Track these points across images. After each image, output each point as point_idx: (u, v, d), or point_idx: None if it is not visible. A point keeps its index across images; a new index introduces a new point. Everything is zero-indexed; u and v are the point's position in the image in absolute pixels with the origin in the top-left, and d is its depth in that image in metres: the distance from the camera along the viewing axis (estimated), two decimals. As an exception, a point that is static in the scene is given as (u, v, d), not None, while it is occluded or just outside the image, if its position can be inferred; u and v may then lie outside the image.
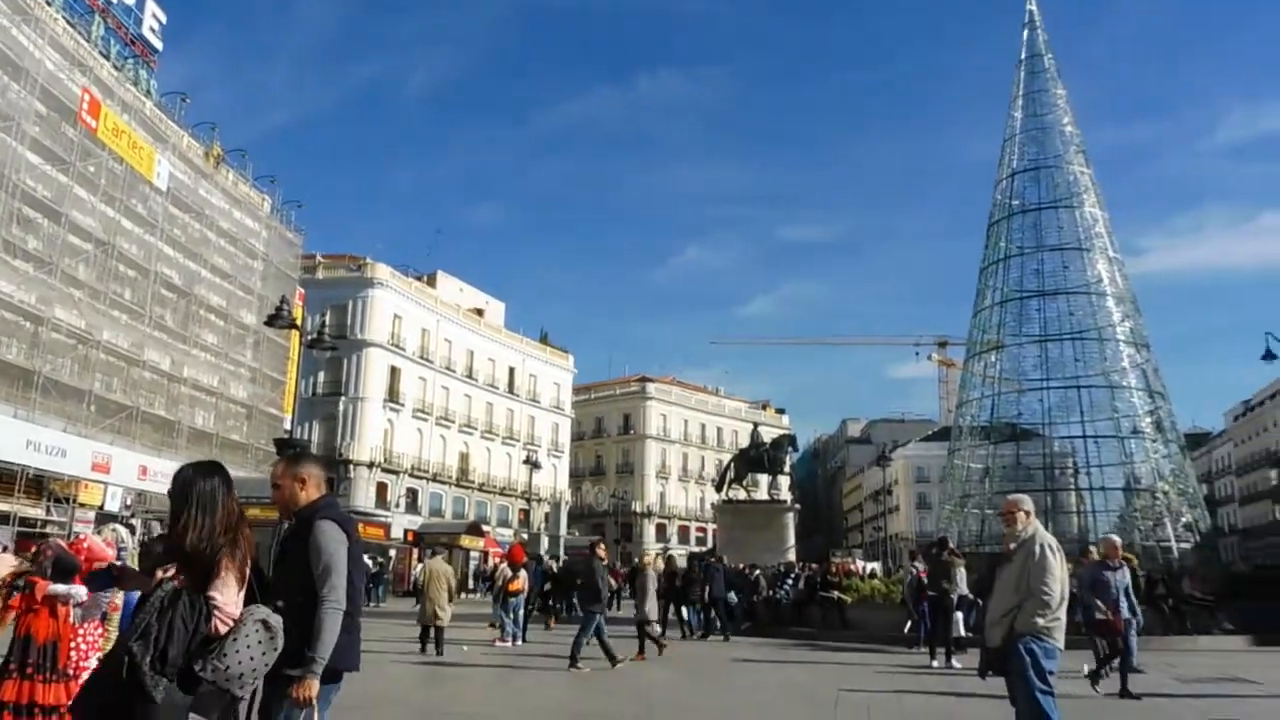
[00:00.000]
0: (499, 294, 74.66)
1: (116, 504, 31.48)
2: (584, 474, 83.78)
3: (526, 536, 42.27)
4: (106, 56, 34.60)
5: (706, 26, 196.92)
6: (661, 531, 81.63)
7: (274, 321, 23.12)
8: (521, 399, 69.39)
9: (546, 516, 61.94)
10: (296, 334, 30.82)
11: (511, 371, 68.93)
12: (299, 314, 34.05)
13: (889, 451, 79.46)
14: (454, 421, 61.50)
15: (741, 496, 35.12)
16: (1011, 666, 5.83)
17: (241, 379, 40.29)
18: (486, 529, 57.35)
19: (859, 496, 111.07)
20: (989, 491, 28.01)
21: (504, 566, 19.45)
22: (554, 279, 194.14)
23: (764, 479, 37.90)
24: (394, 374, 56.20)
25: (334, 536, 3.82)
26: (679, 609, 21.64)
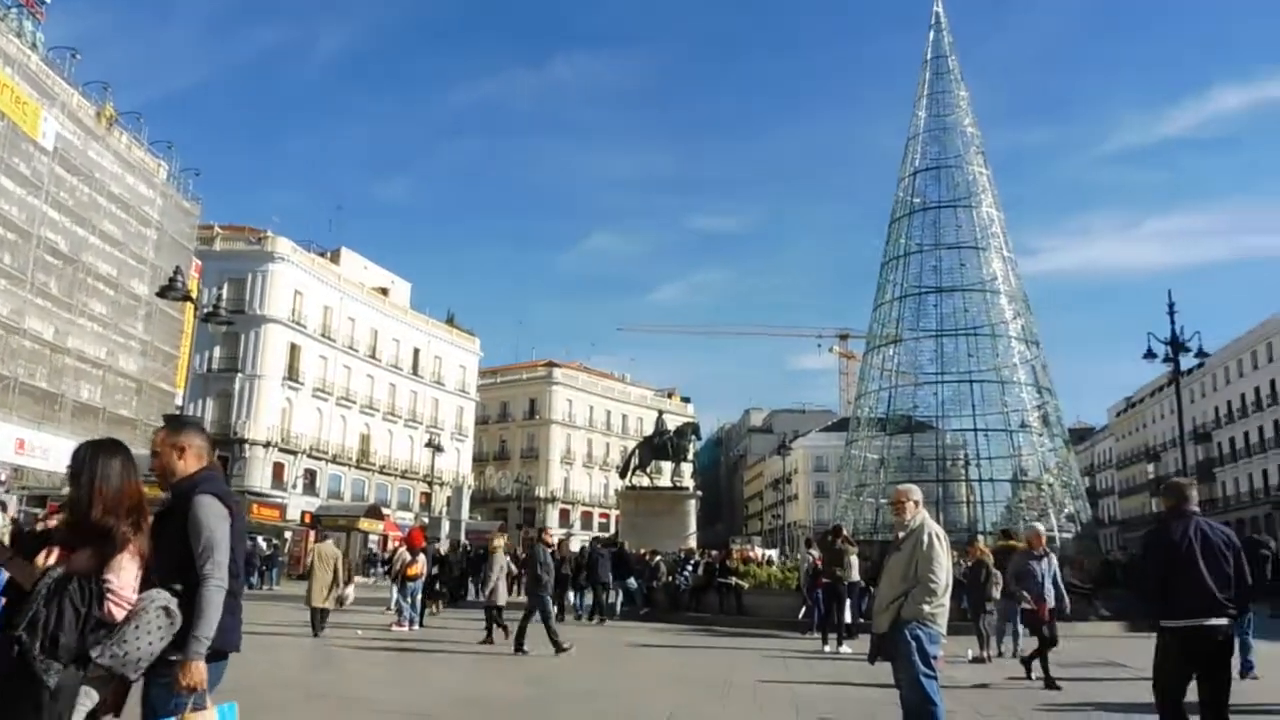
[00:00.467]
0: (405, 273, 73.50)
1: (-12, 479, 29.96)
2: (488, 458, 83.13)
3: (427, 520, 41.72)
4: (-15, 4, 32.75)
5: (624, 10, 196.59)
6: (565, 517, 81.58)
7: (167, 293, 22.19)
8: (426, 381, 68.42)
9: (448, 500, 61.32)
10: (191, 307, 29.80)
11: (416, 353, 67.88)
12: (194, 286, 32.93)
13: (789, 441, 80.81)
14: (355, 402, 60.31)
15: (645, 483, 35.33)
16: (897, 651, 5.97)
17: (131, 352, 38.66)
18: (386, 512, 56.49)
19: (760, 485, 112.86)
20: (884, 481, 28.74)
21: (403, 550, 19.20)
22: (462, 260, 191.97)
23: (667, 466, 38.09)
24: (294, 352, 54.77)
25: (215, 511, 3.63)
26: (568, 594, 21.92)
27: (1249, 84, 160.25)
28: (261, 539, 38.87)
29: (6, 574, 3.69)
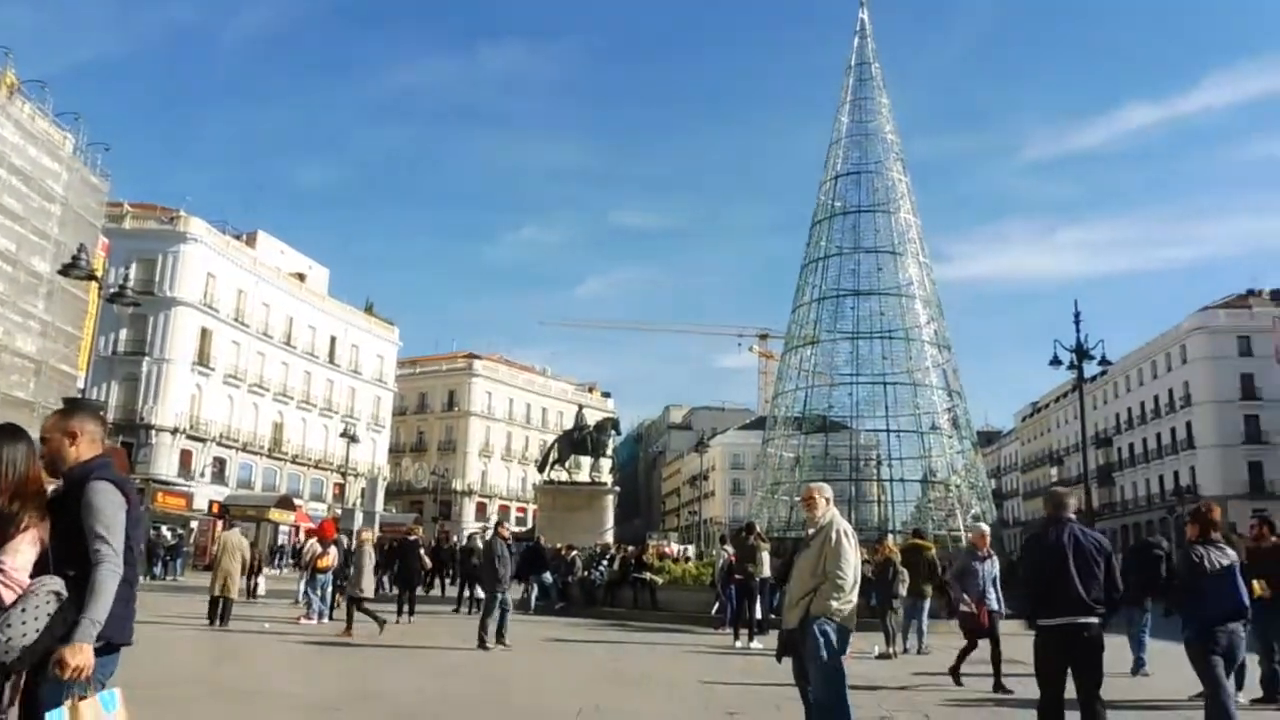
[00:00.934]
0: (323, 259, 72.00)
1: None
2: (404, 450, 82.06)
3: (340, 512, 41.02)
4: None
5: (551, 1, 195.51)
6: (482, 510, 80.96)
7: (70, 271, 21.33)
8: (342, 370, 67.21)
9: (363, 492, 60.41)
10: (95, 286, 28.71)
11: (333, 341, 66.62)
12: (100, 265, 31.68)
13: (708, 438, 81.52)
14: (269, 390, 58.92)
15: (563, 478, 35.30)
16: (806, 647, 6.06)
17: (30, 332, 37.09)
18: (299, 503, 55.38)
19: (678, 481, 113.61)
20: (799, 479, 29.17)
21: (313, 542, 18.87)
22: (382, 248, 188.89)
23: (586, 461, 38.14)
24: (205, 336, 53.23)
25: (110, 498, 3.49)
26: (472, 586, 21.93)
27: (1160, 102, 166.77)
28: (166, 528, 37.78)
29: None
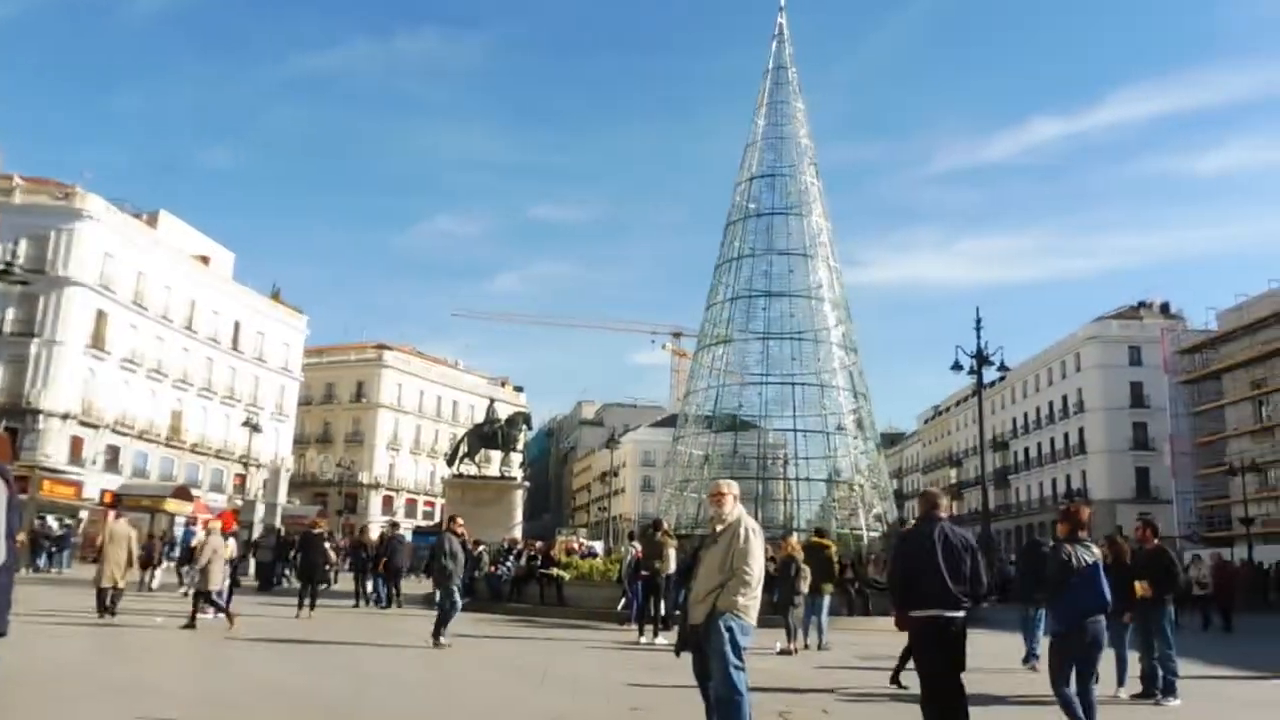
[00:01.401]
0: (229, 243, 69.85)
1: None
2: (310, 441, 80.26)
3: (241, 503, 39.99)
4: None
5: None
6: (389, 504, 79.76)
7: (-47, 248, 20.35)
8: (246, 357, 65.37)
9: (265, 483, 58.94)
10: (-19, 265, 27.48)
11: (237, 327, 64.76)
12: (-14, 243, 30.28)
13: (619, 435, 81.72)
14: (168, 375, 56.94)
15: (473, 472, 35.01)
16: (710, 643, 6.12)
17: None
18: (196, 493, 53.70)
19: (589, 477, 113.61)
20: (707, 477, 29.45)
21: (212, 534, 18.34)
22: (291, 233, 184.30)
23: (496, 455, 37.85)
24: (100, 318, 51.10)
25: None
26: (363, 580, 21.72)
27: (1065, 117, 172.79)
28: (52, 518, 36.20)
29: None
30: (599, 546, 47.59)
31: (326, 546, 20.12)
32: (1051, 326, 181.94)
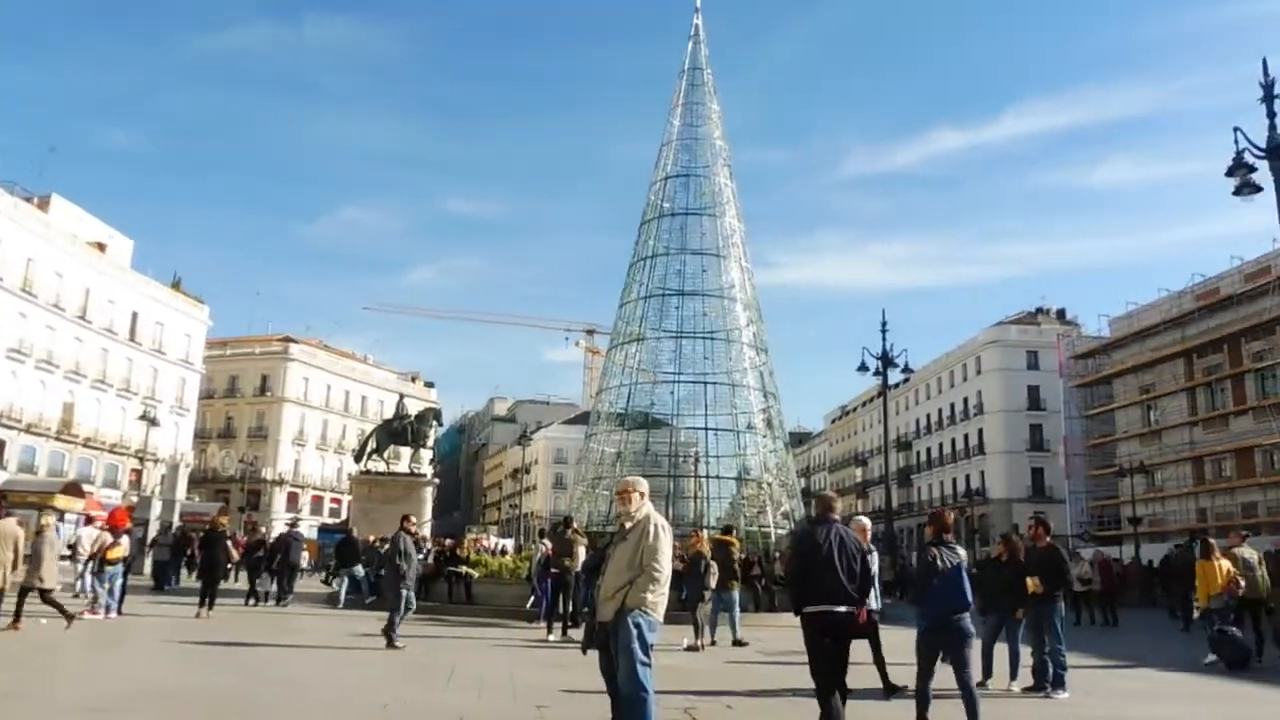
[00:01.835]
0: (127, 229, 67.36)
1: None
2: (211, 435, 78.00)
3: (137, 500, 38.55)
4: None
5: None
6: (293, 501, 77.95)
7: None
8: (144, 348, 63.15)
9: (163, 479, 56.98)
10: None
11: (134, 317, 62.49)
12: None
13: (531, 432, 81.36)
14: (59, 366, 54.64)
15: (381, 468, 34.53)
16: (618, 639, 6.13)
17: None
18: (89, 489, 51.69)
19: (500, 474, 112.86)
20: (619, 475, 29.53)
21: (103, 532, 17.70)
22: (193, 221, 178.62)
23: (406, 452, 37.35)
24: (-14, 307, 48.86)
25: None
26: (256, 577, 21.41)
27: (966, 129, 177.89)
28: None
29: None
30: (509, 544, 47.33)
31: (229, 544, 19.59)
32: (954, 330, 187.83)
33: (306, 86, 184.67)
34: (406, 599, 13.56)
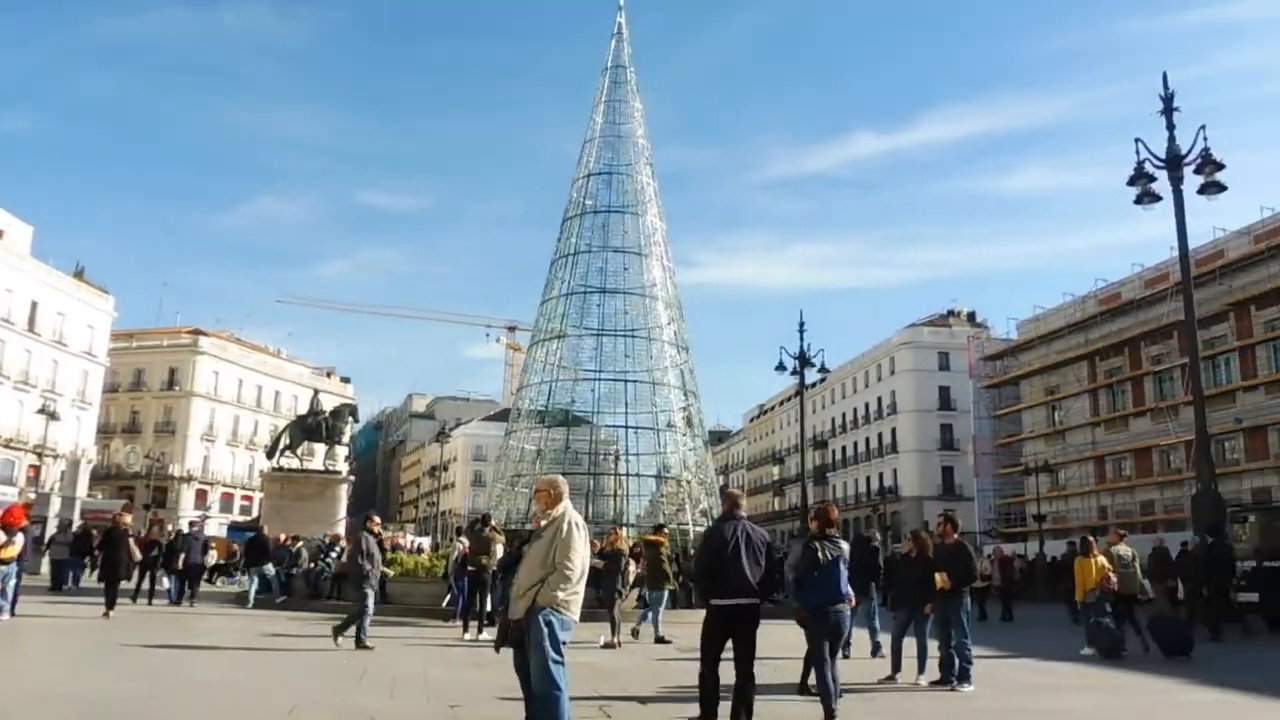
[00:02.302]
0: (25, 216, 64.65)
1: None
2: (115, 430, 75.35)
3: (35, 496, 37.07)
4: None
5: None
6: (202, 498, 75.77)
7: None
8: (44, 339, 60.71)
9: (63, 475, 54.86)
10: None
11: (34, 306, 60.02)
12: None
13: (450, 429, 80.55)
14: (-49, 358, 52.28)
15: (294, 465, 33.93)
16: (530, 637, 6.11)
17: None
18: (-18, 486, 49.53)
19: (418, 471, 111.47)
20: (539, 472, 29.43)
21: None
22: (98, 208, 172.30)
23: (320, 448, 36.68)
24: None
25: None
26: (155, 577, 20.98)
27: (884, 134, 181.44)
28: None
29: None
30: (426, 542, 46.79)
31: (131, 543, 18.96)
32: (870, 331, 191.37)
33: (222, 74, 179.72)
34: (366, 600, 13.42)
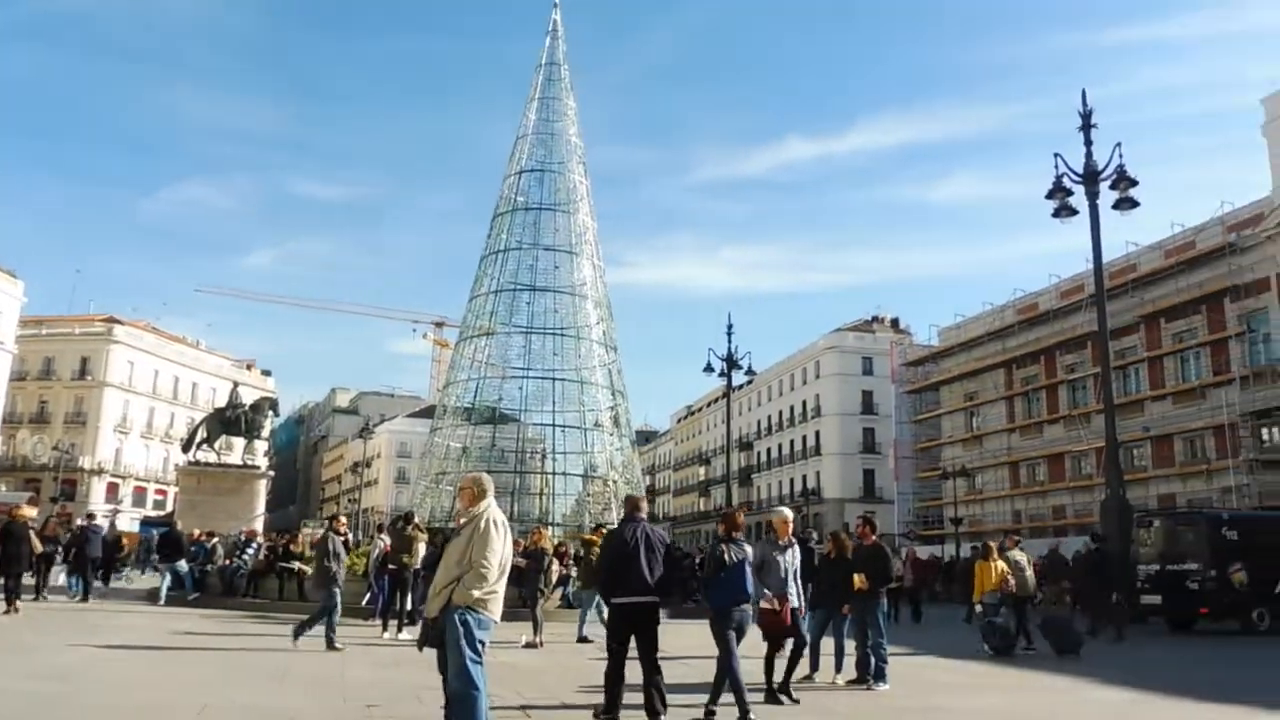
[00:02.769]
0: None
1: None
2: (22, 420, 72.62)
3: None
4: None
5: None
6: (113, 492, 73.46)
7: None
8: (-54, 325, 58.33)
9: (-37, 466, 52.78)
10: None
11: (-64, 291, 57.64)
12: None
13: (374, 425, 79.41)
14: None
15: (212, 459, 33.19)
16: (446, 637, 6.07)
17: None
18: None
19: (340, 467, 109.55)
20: (465, 470, 29.19)
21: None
22: (5, 188, 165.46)
23: (239, 442, 35.91)
24: None
25: None
26: (46, 572, 20.42)
27: (816, 139, 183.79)
28: None
29: None
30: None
31: (31, 535, 18.28)
32: (798, 335, 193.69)
33: (153, 56, 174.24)
34: (333, 600, 13.28)
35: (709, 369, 31.07)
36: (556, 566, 17.90)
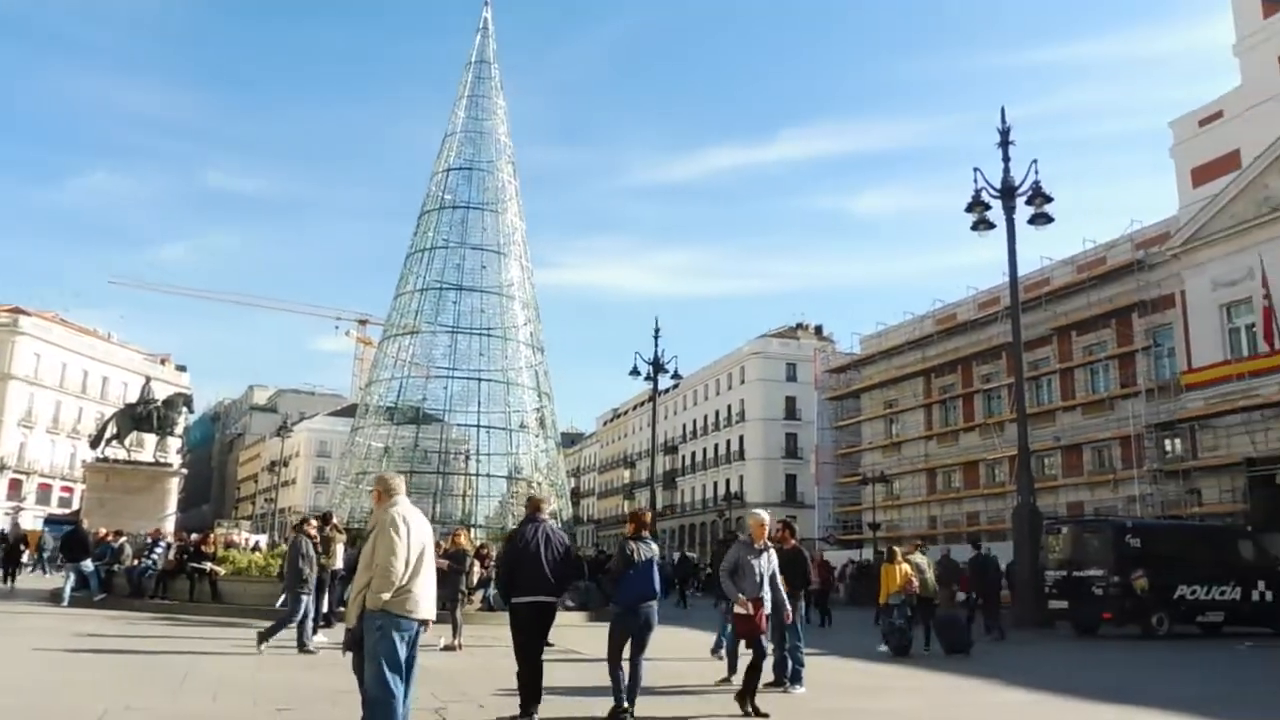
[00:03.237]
0: None
1: None
2: (-82, 413, 69.51)
3: None
4: None
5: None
6: (16, 489, 70.74)
7: None
8: None
9: None
10: None
11: None
12: None
13: (292, 423, 77.89)
14: None
15: (121, 456, 32.21)
16: (365, 640, 5.99)
17: None
18: None
19: (256, 466, 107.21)
20: (385, 469, 28.79)
21: None
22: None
23: (151, 439, 34.87)
24: None
25: None
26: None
27: (742, 148, 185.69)
28: None
29: None
30: (264, 540, 45.05)
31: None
32: (724, 339, 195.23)
33: (49, 35, 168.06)
34: (307, 605, 13.09)
35: (635, 372, 31.20)
36: (478, 568, 17.78)
